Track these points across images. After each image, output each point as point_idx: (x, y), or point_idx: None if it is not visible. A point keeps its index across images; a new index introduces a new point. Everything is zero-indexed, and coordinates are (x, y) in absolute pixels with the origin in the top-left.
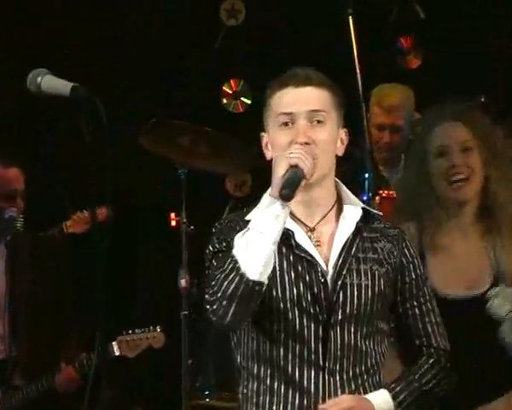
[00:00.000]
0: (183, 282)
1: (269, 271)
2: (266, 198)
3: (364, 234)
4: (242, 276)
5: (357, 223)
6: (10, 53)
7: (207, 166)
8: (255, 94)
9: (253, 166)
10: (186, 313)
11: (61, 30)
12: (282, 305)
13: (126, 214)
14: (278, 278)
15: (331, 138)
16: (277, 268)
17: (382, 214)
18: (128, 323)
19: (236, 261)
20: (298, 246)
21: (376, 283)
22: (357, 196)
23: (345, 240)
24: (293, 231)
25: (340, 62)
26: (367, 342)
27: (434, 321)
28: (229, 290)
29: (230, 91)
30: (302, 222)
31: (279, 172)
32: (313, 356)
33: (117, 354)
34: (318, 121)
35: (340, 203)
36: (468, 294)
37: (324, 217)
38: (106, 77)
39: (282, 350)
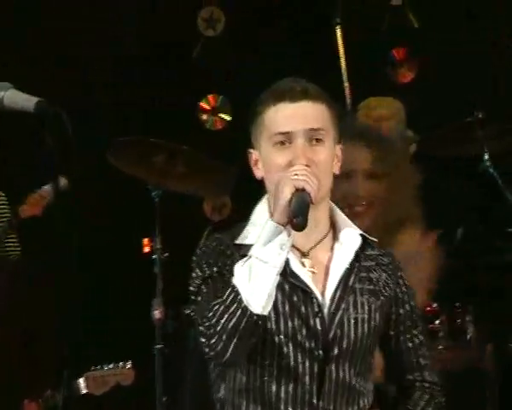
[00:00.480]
0: (156, 313)
1: (271, 303)
2: (271, 225)
3: (361, 262)
4: (245, 309)
5: (356, 251)
6: None
7: (183, 187)
8: (235, 110)
9: (234, 187)
10: (160, 346)
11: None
12: (276, 338)
13: (94, 240)
14: (272, 309)
15: (330, 157)
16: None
17: (377, 240)
18: (98, 357)
19: (238, 293)
20: (293, 274)
21: (372, 316)
22: None
23: (343, 269)
24: (288, 258)
25: (328, 75)
26: (359, 380)
27: (427, 354)
28: (231, 324)
29: (208, 107)
30: (295, 247)
31: (284, 197)
32: (307, 394)
33: (84, 391)
34: (317, 140)
35: (334, 228)
36: None
37: (319, 242)
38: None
39: (273, 387)
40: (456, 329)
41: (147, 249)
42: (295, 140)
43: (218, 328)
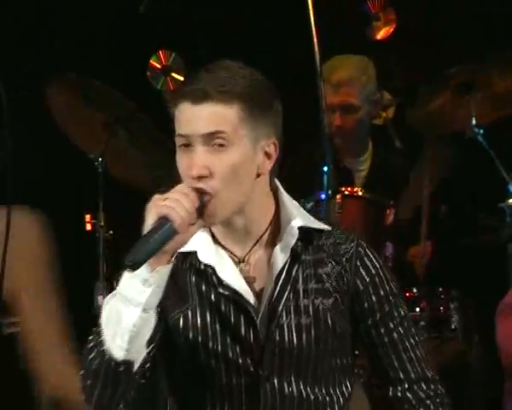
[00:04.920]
0: (100, 299)
1: (142, 342)
2: None
3: (307, 257)
4: (104, 354)
5: (293, 247)
6: None
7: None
8: (190, 69)
9: None
10: None
11: None
12: (203, 358)
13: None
14: (198, 325)
15: (239, 161)
16: (197, 312)
17: (330, 226)
18: None
19: (100, 334)
20: (221, 283)
21: (321, 319)
22: (311, 193)
23: (279, 270)
24: (213, 267)
25: (294, 31)
26: (316, 389)
27: (415, 353)
28: (92, 368)
29: (159, 65)
30: (231, 252)
31: (147, 223)
32: None
33: None
34: (218, 145)
35: (278, 221)
36: None
37: (256, 243)
38: None
39: None
40: (439, 317)
41: (88, 227)
42: (194, 145)
43: (84, 370)
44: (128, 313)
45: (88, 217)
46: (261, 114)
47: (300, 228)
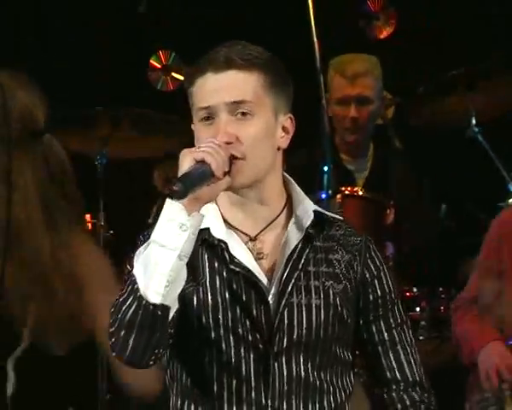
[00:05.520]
0: None
1: (176, 292)
2: (168, 203)
3: (318, 243)
4: (141, 299)
5: (307, 229)
6: None
7: (131, 152)
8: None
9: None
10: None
11: None
12: (213, 333)
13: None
14: (209, 300)
15: (263, 131)
16: (208, 287)
17: (343, 218)
18: None
19: (135, 282)
20: (233, 260)
21: (331, 302)
22: (311, 193)
23: (292, 249)
24: (225, 243)
25: (294, 31)
26: (322, 375)
27: (413, 356)
28: (127, 317)
29: (159, 65)
30: (241, 231)
31: (182, 168)
32: (253, 394)
33: None
34: (243, 113)
35: (290, 206)
36: None
37: (270, 223)
38: None
39: (215, 387)
40: (440, 317)
41: (89, 226)
42: (218, 115)
43: (117, 322)
44: (165, 258)
45: (88, 216)
46: (280, 86)
47: (315, 212)
